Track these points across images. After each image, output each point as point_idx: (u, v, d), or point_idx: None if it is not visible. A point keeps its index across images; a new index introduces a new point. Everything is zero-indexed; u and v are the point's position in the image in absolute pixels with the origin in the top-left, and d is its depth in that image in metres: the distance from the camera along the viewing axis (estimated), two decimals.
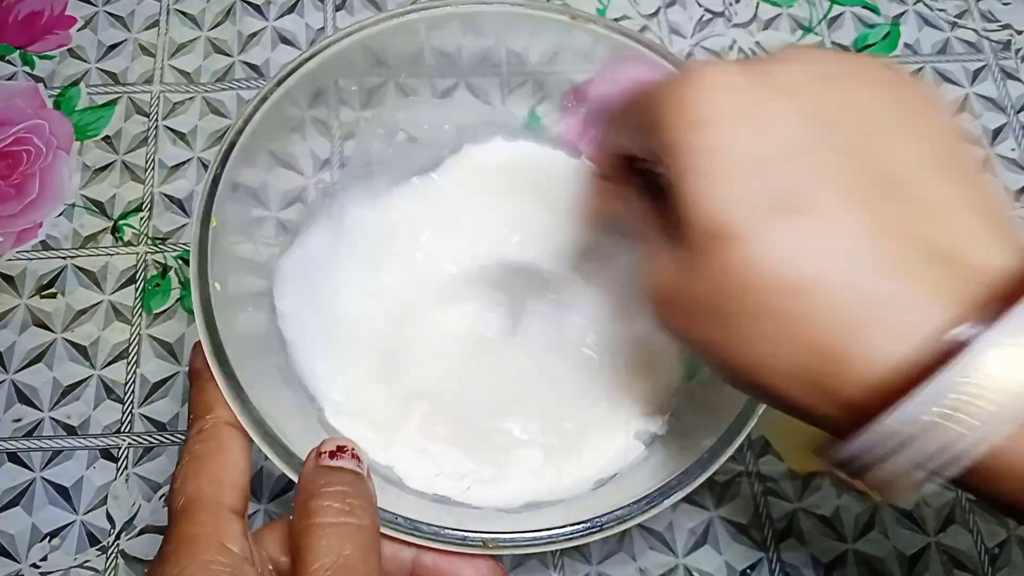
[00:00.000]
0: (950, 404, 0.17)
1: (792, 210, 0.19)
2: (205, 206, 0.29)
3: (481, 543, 0.26)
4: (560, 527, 0.26)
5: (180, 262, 0.42)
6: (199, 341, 0.27)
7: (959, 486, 0.19)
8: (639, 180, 0.26)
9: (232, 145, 0.30)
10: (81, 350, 0.40)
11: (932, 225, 0.19)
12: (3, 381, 0.39)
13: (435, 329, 0.36)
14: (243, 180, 0.31)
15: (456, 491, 0.31)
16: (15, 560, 0.36)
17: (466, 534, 0.26)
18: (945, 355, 0.17)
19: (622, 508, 0.27)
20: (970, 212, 0.20)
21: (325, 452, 0.25)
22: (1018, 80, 0.49)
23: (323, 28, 0.49)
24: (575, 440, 0.34)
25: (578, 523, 0.26)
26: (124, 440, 0.38)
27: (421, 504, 0.31)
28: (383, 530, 0.26)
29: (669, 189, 0.21)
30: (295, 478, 0.26)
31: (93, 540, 0.37)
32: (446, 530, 0.26)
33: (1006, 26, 0.50)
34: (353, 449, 0.25)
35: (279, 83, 0.32)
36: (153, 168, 0.44)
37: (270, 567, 0.25)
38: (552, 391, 0.35)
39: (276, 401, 0.28)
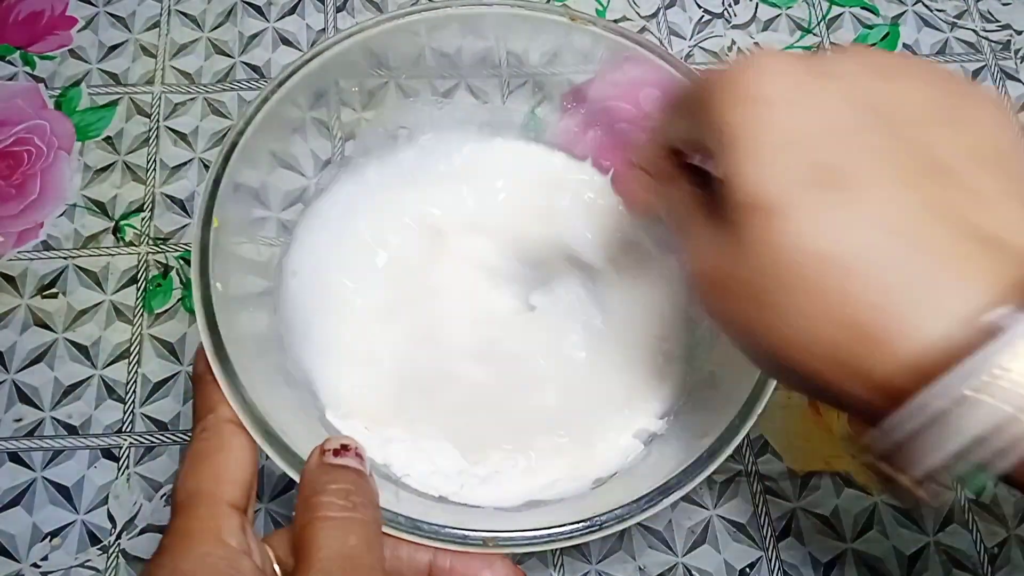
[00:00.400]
0: (989, 382, 0.17)
1: (834, 185, 0.19)
2: (206, 206, 0.29)
3: (481, 542, 0.26)
4: (560, 526, 0.26)
5: (181, 262, 0.42)
6: (203, 344, 0.28)
7: (1008, 482, 0.18)
8: (685, 174, 0.26)
9: (233, 145, 0.30)
10: (82, 350, 0.40)
11: (976, 210, 0.19)
12: (4, 381, 0.40)
13: (437, 331, 0.36)
14: (244, 180, 0.31)
15: (452, 489, 0.32)
16: (16, 560, 0.36)
17: (466, 533, 0.26)
18: (984, 336, 0.17)
19: (622, 507, 0.27)
20: (1016, 202, 0.19)
21: (329, 450, 0.25)
22: (1018, 80, 0.49)
23: (324, 29, 0.49)
24: (574, 440, 0.34)
25: (578, 522, 0.26)
26: (125, 440, 0.39)
27: (422, 503, 0.31)
28: (385, 529, 0.26)
29: (717, 172, 0.21)
30: (296, 477, 0.26)
31: (94, 540, 0.37)
32: (446, 529, 0.26)
33: (1005, 26, 0.51)
34: (356, 448, 0.26)
35: (280, 84, 0.32)
36: (154, 168, 0.45)
37: (275, 565, 0.25)
38: (552, 392, 0.35)
39: (277, 400, 0.28)
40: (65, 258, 0.42)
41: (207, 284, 0.28)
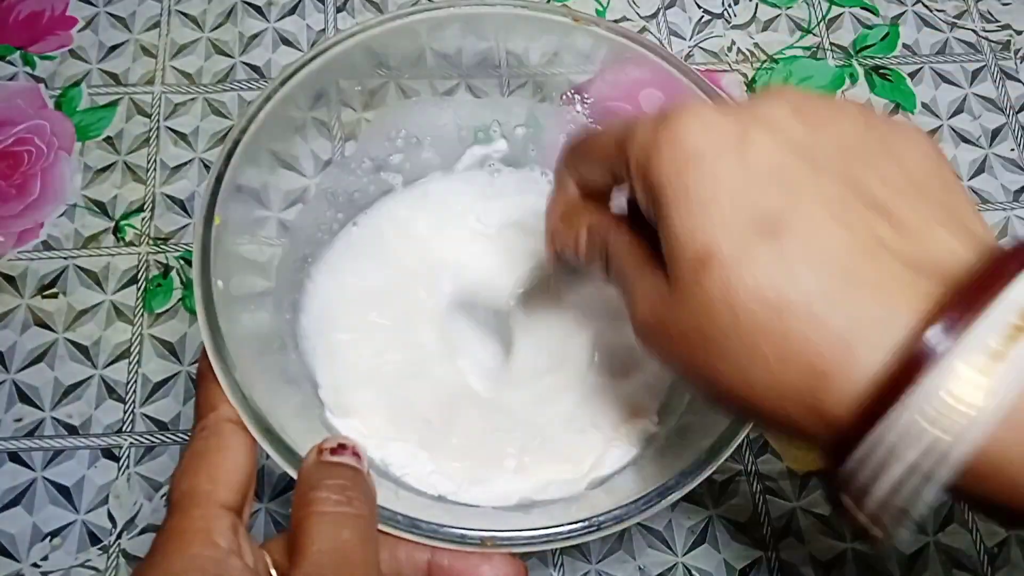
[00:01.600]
0: (930, 411, 0.18)
1: (774, 233, 0.20)
2: (208, 204, 0.29)
3: (480, 541, 0.26)
4: (559, 526, 0.26)
5: (182, 262, 0.42)
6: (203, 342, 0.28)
7: (957, 498, 0.19)
8: (623, 224, 0.26)
9: (236, 144, 0.30)
10: (82, 350, 0.40)
11: (905, 241, 0.20)
12: (4, 381, 0.40)
13: (434, 333, 0.36)
14: (246, 180, 0.31)
15: (450, 488, 0.32)
16: (16, 560, 0.36)
17: (464, 532, 0.26)
18: (918, 363, 0.18)
19: (620, 508, 0.27)
20: (946, 227, 0.20)
21: (327, 448, 0.25)
22: (1017, 80, 0.49)
23: (324, 29, 0.49)
24: (573, 440, 0.34)
25: (576, 522, 0.26)
26: (125, 440, 0.39)
27: (420, 502, 0.31)
28: (383, 528, 0.26)
29: (657, 222, 0.22)
30: (296, 476, 0.26)
31: (94, 539, 0.37)
32: (444, 528, 0.26)
33: (1005, 27, 0.51)
34: (354, 447, 0.26)
35: (283, 83, 0.32)
36: (154, 169, 0.45)
37: (272, 570, 0.25)
38: (549, 391, 0.35)
39: (277, 399, 0.28)
40: (65, 258, 0.42)
41: (208, 282, 0.28)
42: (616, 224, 0.26)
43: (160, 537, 0.23)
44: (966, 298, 0.18)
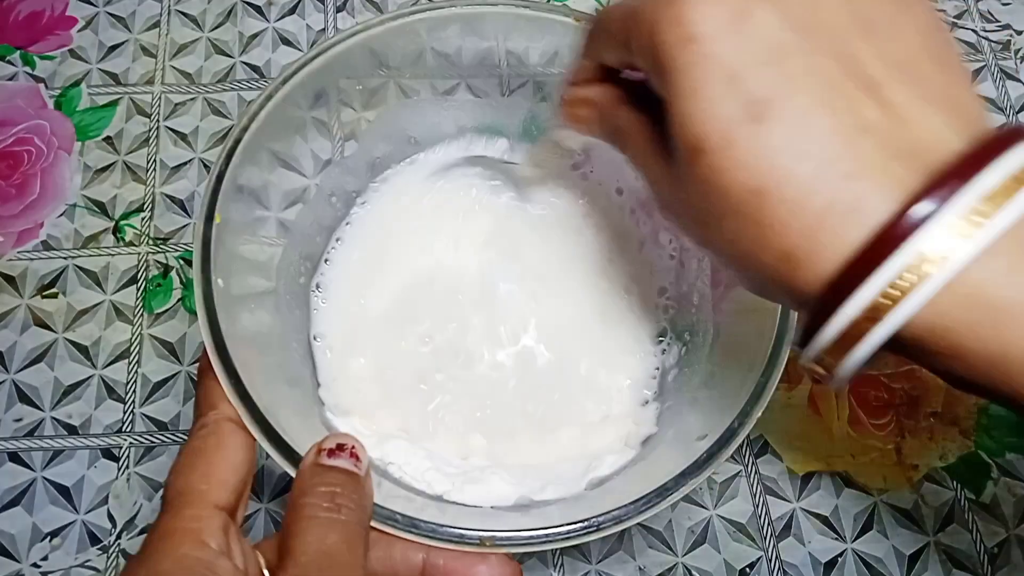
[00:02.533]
0: (884, 287, 0.18)
1: (760, 118, 0.20)
2: (209, 203, 0.29)
3: (478, 541, 0.26)
4: (557, 526, 0.26)
5: (181, 262, 0.42)
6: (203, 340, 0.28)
7: (907, 355, 0.20)
8: (628, 102, 0.26)
9: (237, 143, 0.30)
10: (82, 350, 0.40)
11: (895, 124, 0.20)
12: (4, 381, 0.40)
13: (435, 331, 0.36)
14: (246, 179, 0.31)
15: (448, 487, 0.32)
16: (16, 560, 0.36)
17: (463, 532, 0.26)
18: (880, 251, 0.18)
19: (619, 508, 0.27)
20: (937, 106, 0.20)
21: (325, 450, 0.25)
22: (1017, 80, 0.49)
23: (324, 29, 0.49)
24: (572, 440, 0.34)
25: (575, 523, 0.26)
26: (125, 440, 0.39)
27: (419, 502, 0.31)
28: (381, 527, 0.26)
29: (664, 104, 0.22)
30: (294, 474, 0.26)
31: (94, 540, 0.37)
32: (444, 528, 0.26)
33: (1005, 26, 0.51)
34: (353, 447, 0.26)
35: (284, 82, 0.32)
36: (154, 168, 0.45)
37: (264, 571, 0.25)
38: (548, 390, 0.35)
39: (277, 398, 0.28)
40: (65, 258, 0.42)
41: (208, 280, 0.28)
42: (628, 105, 0.26)
43: (151, 536, 0.23)
44: (940, 186, 0.18)
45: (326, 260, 0.37)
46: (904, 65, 0.21)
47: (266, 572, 0.25)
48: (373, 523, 0.26)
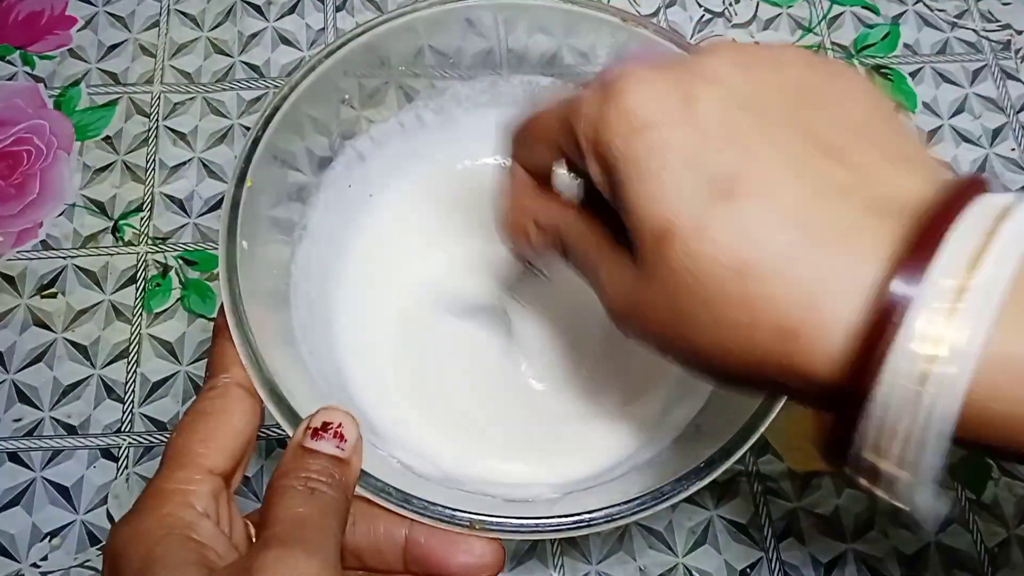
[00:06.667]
0: (908, 367, 0.17)
1: (729, 195, 0.19)
2: (242, 167, 0.30)
3: (468, 523, 0.26)
4: (547, 517, 0.26)
5: (181, 262, 0.42)
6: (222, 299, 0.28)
7: (966, 446, 0.19)
8: (576, 208, 0.25)
9: (275, 110, 0.31)
10: (81, 350, 0.40)
11: (866, 183, 0.19)
12: (3, 381, 0.40)
13: (452, 321, 0.36)
14: (283, 143, 0.32)
15: (448, 467, 0.32)
16: (15, 560, 0.36)
17: (454, 512, 0.26)
18: (889, 315, 0.17)
19: (613, 506, 0.27)
20: (900, 165, 0.20)
21: (310, 429, 0.25)
22: (1018, 80, 0.49)
23: (323, 29, 0.49)
24: (574, 440, 0.34)
25: (567, 515, 0.27)
26: (124, 439, 0.39)
27: (414, 480, 0.31)
28: (374, 498, 0.26)
29: (615, 199, 0.22)
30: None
31: (94, 540, 0.37)
32: (435, 506, 0.26)
33: (1006, 26, 0.50)
34: (338, 427, 0.25)
35: (329, 55, 0.32)
36: (154, 168, 0.45)
37: (253, 537, 0.25)
38: (556, 391, 0.35)
39: (288, 363, 0.29)
40: (64, 258, 0.42)
41: (234, 240, 0.28)
42: (568, 211, 0.25)
43: (142, 494, 0.24)
44: (925, 236, 0.18)
45: (356, 231, 0.37)
46: (859, 130, 0.20)
47: (254, 540, 0.25)
48: (366, 494, 0.26)
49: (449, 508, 0.26)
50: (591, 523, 0.26)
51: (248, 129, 0.45)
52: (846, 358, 0.18)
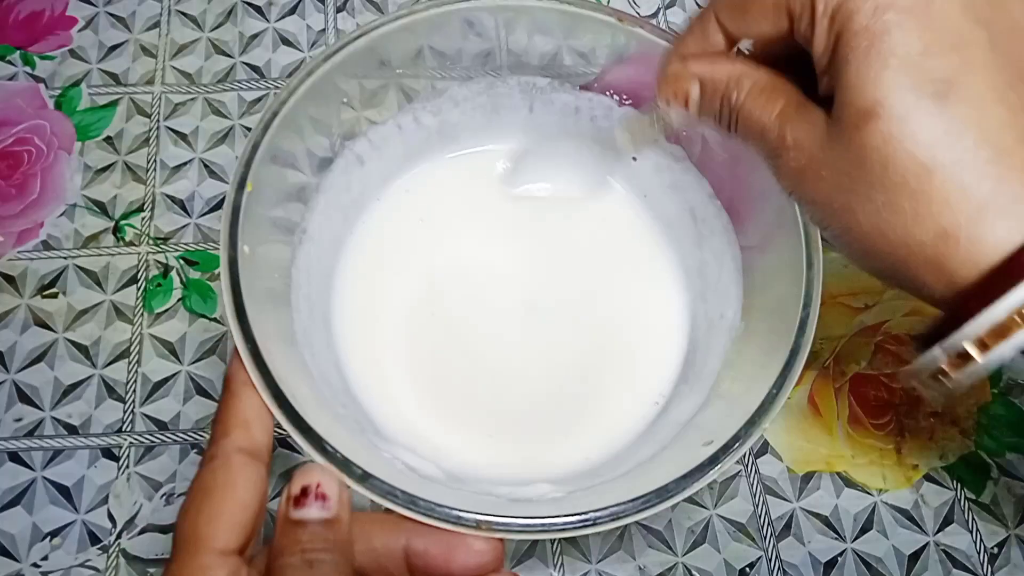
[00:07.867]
0: None
1: (941, 97, 0.21)
2: (242, 171, 0.30)
3: (475, 524, 0.26)
4: (554, 517, 0.27)
5: (182, 262, 0.42)
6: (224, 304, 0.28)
7: None
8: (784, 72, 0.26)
9: (275, 114, 0.31)
10: (82, 350, 0.40)
11: None
12: (4, 381, 0.40)
13: (457, 319, 0.36)
14: (283, 145, 0.32)
15: (451, 467, 0.32)
16: (16, 560, 0.36)
17: (460, 514, 0.26)
18: None
19: (617, 505, 0.27)
20: None
21: (292, 498, 0.25)
22: None
23: (324, 30, 0.49)
24: (577, 440, 0.34)
25: (572, 515, 0.27)
26: (125, 439, 0.39)
27: (419, 482, 0.31)
28: (381, 501, 0.26)
29: (832, 66, 0.23)
30: (303, 444, 0.26)
31: (94, 539, 0.37)
32: (442, 507, 0.26)
33: None
34: (318, 486, 0.25)
35: (326, 59, 0.33)
36: (154, 168, 0.45)
37: None
38: (564, 385, 0.35)
39: (291, 367, 0.29)
40: (65, 258, 0.42)
41: (235, 245, 0.28)
42: (753, 71, 0.26)
43: None
44: None
45: (356, 233, 0.37)
46: None
47: None
48: (373, 497, 0.26)
49: (456, 509, 0.26)
50: (596, 521, 0.27)
51: (249, 130, 0.45)
52: (991, 272, 0.20)
